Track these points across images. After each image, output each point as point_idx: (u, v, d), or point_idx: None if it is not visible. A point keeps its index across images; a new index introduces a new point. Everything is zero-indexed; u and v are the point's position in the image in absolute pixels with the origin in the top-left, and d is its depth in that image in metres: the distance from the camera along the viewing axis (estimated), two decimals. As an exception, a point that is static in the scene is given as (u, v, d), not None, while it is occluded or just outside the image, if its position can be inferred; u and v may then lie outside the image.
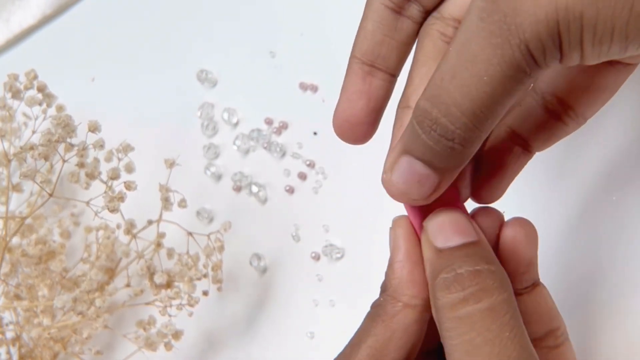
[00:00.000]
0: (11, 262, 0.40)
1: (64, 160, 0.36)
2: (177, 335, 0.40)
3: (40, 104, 0.40)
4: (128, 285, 0.42)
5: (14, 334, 0.41)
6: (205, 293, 0.41)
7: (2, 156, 0.38)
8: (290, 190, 0.45)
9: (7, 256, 0.40)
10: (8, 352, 0.40)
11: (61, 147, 0.36)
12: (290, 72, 0.47)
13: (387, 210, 0.30)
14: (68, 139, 0.36)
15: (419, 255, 0.28)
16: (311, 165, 0.45)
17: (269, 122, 0.46)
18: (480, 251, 0.27)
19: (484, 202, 0.30)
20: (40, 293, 0.41)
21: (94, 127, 0.37)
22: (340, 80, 0.46)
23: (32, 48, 0.50)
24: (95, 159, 0.38)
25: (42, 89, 0.40)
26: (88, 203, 0.38)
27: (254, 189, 0.45)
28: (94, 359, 0.43)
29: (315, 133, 0.46)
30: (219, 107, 0.47)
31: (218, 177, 0.46)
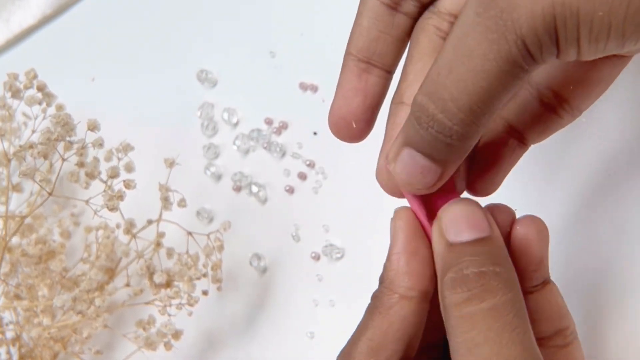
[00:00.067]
0: (11, 261, 0.40)
1: (64, 159, 0.36)
2: (176, 335, 0.40)
3: (40, 104, 0.40)
4: (128, 284, 0.42)
5: (14, 334, 0.41)
6: (205, 293, 0.41)
7: (2, 156, 0.38)
8: (290, 190, 0.45)
9: (7, 256, 0.40)
10: (8, 352, 0.40)
11: (60, 146, 0.36)
12: (290, 72, 0.47)
13: (387, 210, 0.30)
14: (67, 138, 0.36)
15: (416, 247, 0.28)
16: (311, 165, 0.45)
17: (269, 122, 0.46)
18: (489, 249, 0.26)
19: (479, 194, 0.30)
20: (40, 293, 0.41)
21: (93, 126, 0.37)
22: (340, 80, 0.46)
23: (32, 48, 0.51)
24: (95, 159, 0.38)
25: (41, 88, 0.40)
26: (87, 202, 0.38)
27: (254, 189, 0.45)
28: (94, 359, 0.43)
29: (315, 133, 0.46)
30: (219, 107, 0.47)
31: (218, 177, 0.46)
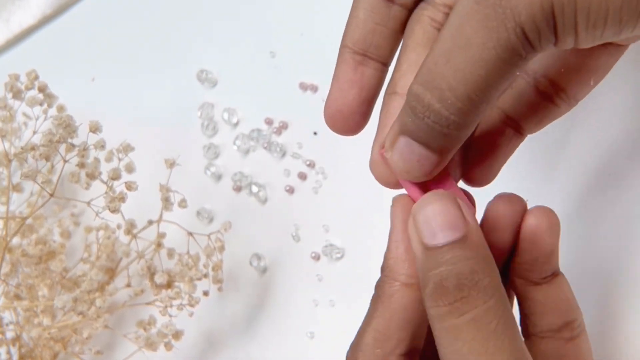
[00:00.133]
0: (11, 262, 0.40)
1: (65, 161, 0.36)
2: (177, 335, 0.40)
3: (41, 104, 0.39)
4: (128, 285, 0.42)
5: (14, 334, 0.41)
6: (205, 293, 0.41)
7: (3, 156, 0.38)
8: (290, 190, 0.45)
9: (7, 256, 0.40)
10: (8, 352, 0.40)
11: (62, 148, 0.36)
12: (290, 72, 0.47)
13: (387, 210, 0.30)
14: (69, 140, 0.36)
15: None
16: (311, 165, 0.45)
17: (269, 122, 0.46)
18: (467, 253, 0.26)
19: (476, 184, 0.30)
20: (40, 293, 0.41)
21: (95, 128, 0.37)
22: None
23: (32, 48, 0.50)
24: (96, 159, 0.38)
25: (43, 89, 0.40)
26: (89, 203, 0.38)
27: (254, 189, 0.45)
28: (94, 359, 0.43)
29: (315, 133, 0.46)
30: (219, 107, 0.47)
31: (218, 177, 0.46)
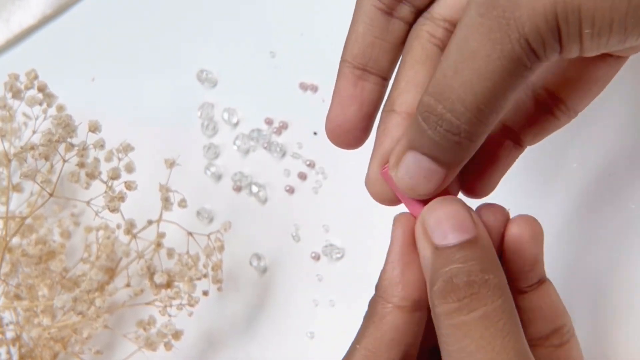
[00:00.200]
0: (11, 262, 0.40)
1: (65, 160, 0.36)
2: (177, 335, 0.40)
3: (41, 104, 0.39)
4: (128, 285, 0.42)
5: (14, 334, 0.41)
6: (205, 293, 0.41)
7: (3, 156, 0.38)
8: (290, 190, 0.45)
9: (7, 256, 0.40)
10: (8, 352, 0.40)
11: (61, 147, 0.36)
12: (290, 72, 0.47)
13: (387, 211, 0.30)
14: (68, 139, 0.36)
15: (412, 257, 0.28)
16: (311, 165, 0.45)
17: (269, 122, 0.46)
18: (477, 254, 0.26)
19: (474, 196, 0.30)
20: (40, 293, 0.41)
21: (94, 127, 0.37)
22: (340, 80, 0.46)
23: (32, 48, 0.50)
24: (96, 159, 0.38)
25: (42, 88, 0.40)
26: (88, 203, 0.38)
27: (254, 189, 0.45)
28: (94, 359, 0.43)
29: (315, 133, 0.46)
30: (219, 107, 0.47)
31: (218, 177, 0.46)
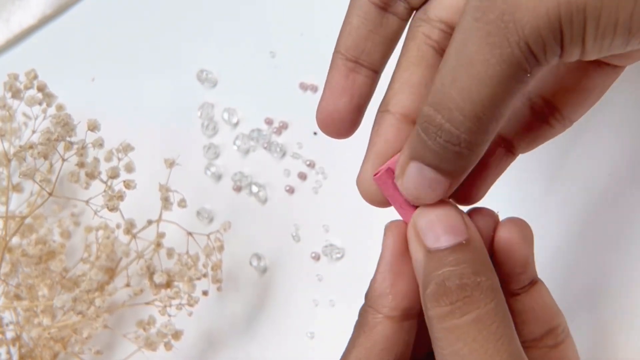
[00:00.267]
0: (11, 262, 0.40)
1: (64, 160, 0.36)
2: (176, 335, 0.40)
3: (40, 104, 0.40)
4: (128, 285, 0.42)
5: (14, 334, 0.41)
6: (205, 293, 0.41)
7: (2, 156, 0.38)
8: (290, 190, 0.45)
9: (7, 256, 0.40)
10: (8, 352, 0.40)
11: (61, 146, 0.36)
12: (290, 72, 0.47)
13: (387, 210, 0.30)
14: (67, 138, 0.36)
15: (403, 266, 0.28)
16: (311, 165, 0.45)
17: (269, 122, 0.46)
18: (469, 256, 0.26)
19: (464, 203, 0.30)
20: (40, 293, 0.41)
21: (93, 126, 0.37)
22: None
23: (32, 48, 0.51)
24: (95, 159, 0.38)
25: (42, 88, 0.40)
26: (88, 202, 0.38)
27: (254, 189, 0.45)
28: (94, 359, 0.43)
29: (315, 133, 0.46)
30: (219, 107, 0.47)
31: (218, 177, 0.46)
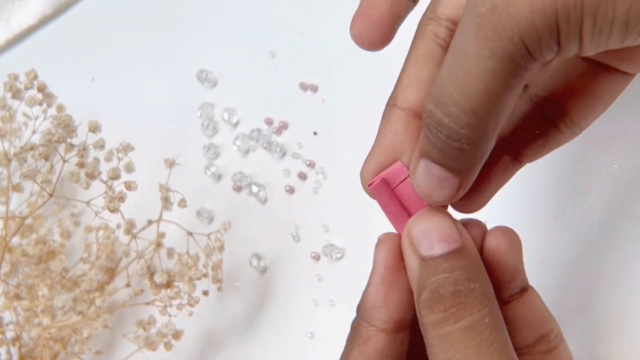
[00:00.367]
0: (11, 262, 0.40)
1: (64, 161, 0.36)
2: (177, 335, 0.40)
3: (41, 104, 0.40)
4: (128, 285, 0.42)
5: (14, 334, 0.41)
6: (205, 293, 0.41)
7: (2, 156, 0.38)
8: (290, 190, 0.45)
9: (7, 256, 0.40)
10: (8, 352, 0.40)
11: (61, 147, 0.36)
12: (290, 72, 0.47)
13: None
14: (68, 139, 0.36)
15: (396, 278, 0.28)
16: (311, 165, 0.45)
17: (269, 122, 0.46)
18: (463, 263, 0.26)
19: (464, 211, 0.30)
20: (40, 293, 0.41)
21: (94, 127, 0.37)
22: (340, 80, 0.46)
23: (32, 48, 0.51)
24: (96, 159, 0.38)
25: (42, 88, 0.40)
26: (88, 203, 0.38)
27: (254, 189, 0.45)
28: (94, 359, 0.43)
29: (315, 133, 0.46)
30: (219, 107, 0.47)
31: (218, 177, 0.46)
